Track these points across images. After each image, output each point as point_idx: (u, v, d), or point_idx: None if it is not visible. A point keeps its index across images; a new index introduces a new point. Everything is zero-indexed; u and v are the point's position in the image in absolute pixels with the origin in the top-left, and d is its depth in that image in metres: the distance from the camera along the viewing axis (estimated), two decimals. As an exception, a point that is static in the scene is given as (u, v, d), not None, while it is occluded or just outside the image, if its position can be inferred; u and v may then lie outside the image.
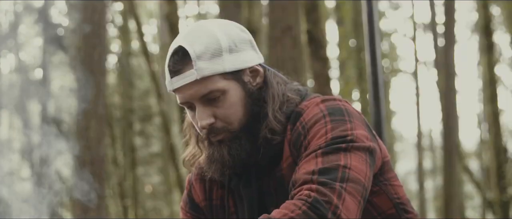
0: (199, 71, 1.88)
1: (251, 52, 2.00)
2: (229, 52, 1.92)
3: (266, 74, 2.02)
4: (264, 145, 1.97)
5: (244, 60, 1.96)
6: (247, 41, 1.99)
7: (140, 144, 21.63)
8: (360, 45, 17.73)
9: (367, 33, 3.67)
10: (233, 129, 1.96)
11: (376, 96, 3.63)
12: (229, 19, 2.10)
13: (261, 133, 1.96)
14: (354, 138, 1.84)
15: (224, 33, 1.94)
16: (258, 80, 2.00)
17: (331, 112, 1.91)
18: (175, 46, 1.93)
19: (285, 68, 8.04)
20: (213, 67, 1.89)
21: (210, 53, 1.90)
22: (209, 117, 1.94)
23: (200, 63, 1.89)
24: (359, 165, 1.81)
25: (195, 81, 1.90)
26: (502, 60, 19.16)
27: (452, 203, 15.44)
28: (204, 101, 1.93)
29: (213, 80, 1.91)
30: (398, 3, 25.04)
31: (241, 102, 1.95)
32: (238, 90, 1.95)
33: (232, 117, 1.95)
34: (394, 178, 2.06)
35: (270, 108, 1.96)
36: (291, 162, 1.95)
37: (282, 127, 1.96)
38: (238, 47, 1.95)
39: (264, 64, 2.05)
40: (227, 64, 1.91)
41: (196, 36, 1.93)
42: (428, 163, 27.78)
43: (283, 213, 1.72)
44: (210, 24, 1.97)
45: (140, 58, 20.73)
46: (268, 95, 1.98)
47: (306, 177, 1.78)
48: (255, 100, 1.98)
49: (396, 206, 2.03)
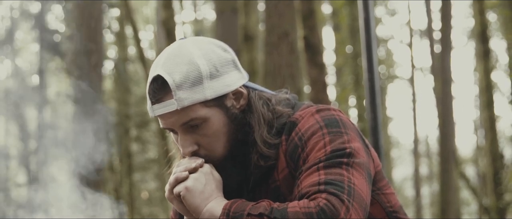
0: (179, 102, 1.84)
1: (234, 74, 1.94)
2: (210, 79, 1.87)
3: (251, 96, 1.97)
4: (255, 170, 1.94)
5: (227, 84, 1.90)
6: (229, 62, 1.94)
7: (137, 150, 21.60)
8: (357, 52, 17.73)
9: (363, 39, 3.67)
10: (217, 156, 1.92)
11: (373, 103, 3.64)
12: (226, 25, 2.09)
13: (252, 160, 1.93)
14: (353, 151, 1.84)
15: (204, 58, 1.88)
16: (242, 103, 1.95)
17: (328, 123, 1.89)
18: (154, 74, 1.88)
19: (281, 74, 8.08)
20: (194, 96, 1.85)
21: (190, 82, 1.84)
22: (191, 144, 1.91)
23: (180, 94, 1.84)
24: (360, 183, 1.80)
25: (175, 111, 1.86)
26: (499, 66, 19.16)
27: (448, 209, 15.45)
28: (186, 128, 1.90)
29: (194, 109, 1.86)
30: (395, 10, 25.10)
31: (224, 129, 1.91)
32: (220, 117, 1.90)
33: (215, 145, 1.91)
34: (386, 186, 2.06)
35: (258, 134, 1.92)
36: (287, 174, 1.93)
37: (274, 149, 1.93)
38: (219, 72, 1.89)
39: (249, 82, 2.00)
40: (208, 91, 1.86)
41: (175, 63, 1.87)
42: (424, 169, 27.80)
43: (293, 205, 1.72)
44: (191, 47, 1.90)
45: (137, 64, 20.74)
46: (253, 119, 1.94)
47: (312, 189, 1.76)
48: (240, 125, 1.94)
49: (389, 214, 2.04)
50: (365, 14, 3.65)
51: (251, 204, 1.77)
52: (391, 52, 26.27)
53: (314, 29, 9.96)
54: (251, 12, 12.88)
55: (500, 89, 18.77)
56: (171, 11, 13.68)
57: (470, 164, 26.18)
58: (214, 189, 1.86)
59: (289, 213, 1.70)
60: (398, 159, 30.08)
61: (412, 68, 24.41)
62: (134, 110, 20.83)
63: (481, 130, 22.09)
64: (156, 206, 21.84)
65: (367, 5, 3.66)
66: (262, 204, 1.76)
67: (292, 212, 1.70)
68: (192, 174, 1.86)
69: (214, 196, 1.85)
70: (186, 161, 1.90)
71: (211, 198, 1.84)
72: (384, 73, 24.82)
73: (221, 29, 11.03)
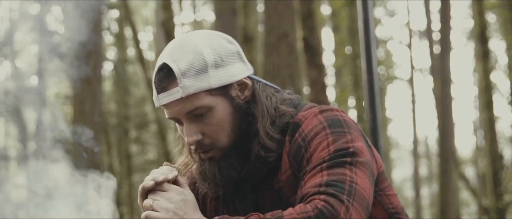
0: (185, 89, 1.86)
1: (239, 65, 1.96)
2: (215, 68, 1.89)
3: (255, 87, 1.99)
4: (257, 162, 1.94)
5: (231, 74, 1.92)
6: (234, 53, 1.96)
7: (136, 151, 21.61)
8: (356, 52, 17.74)
9: (363, 40, 3.66)
10: (222, 145, 1.93)
11: (372, 104, 3.63)
12: (225, 26, 2.09)
13: (253, 150, 1.93)
14: (356, 151, 1.84)
15: (209, 48, 1.90)
16: (246, 94, 1.96)
17: (331, 123, 1.89)
18: (160, 63, 1.90)
19: (281, 75, 8.07)
20: (199, 84, 1.86)
21: (195, 70, 1.86)
22: (196, 133, 1.91)
23: (185, 81, 1.86)
24: (363, 182, 1.80)
25: (180, 99, 1.87)
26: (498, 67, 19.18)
27: (448, 210, 15.45)
28: (191, 117, 1.91)
29: (199, 97, 1.88)
30: (394, 10, 25.12)
31: (229, 118, 1.92)
32: (225, 106, 1.92)
33: (219, 134, 1.92)
34: (388, 187, 2.06)
35: (261, 125, 1.93)
36: (290, 174, 1.93)
37: (276, 143, 1.93)
38: (224, 61, 1.91)
39: (253, 75, 2.01)
40: (213, 80, 1.88)
41: (181, 52, 1.89)
42: (424, 170, 27.82)
43: (290, 212, 1.72)
44: (196, 37, 1.93)
45: (136, 66, 20.74)
46: (257, 110, 1.95)
47: (313, 190, 1.76)
48: (244, 115, 1.95)
49: (391, 216, 2.04)
50: (364, 15, 3.65)
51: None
52: (390, 53, 26.29)
53: (313, 30, 9.96)
54: (251, 13, 12.89)
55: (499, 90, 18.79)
56: (171, 12, 13.69)
57: (469, 165, 26.19)
58: (189, 211, 1.84)
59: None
60: (397, 160, 30.11)
61: (411, 69, 24.43)
62: (134, 111, 20.84)
63: (480, 130, 22.09)
64: (156, 207, 21.82)
65: (366, 6, 3.66)
66: (254, 217, 1.74)
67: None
68: (163, 192, 1.84)
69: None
70: (158, 171, 1.90)
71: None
72: (383, 74, 24.84)
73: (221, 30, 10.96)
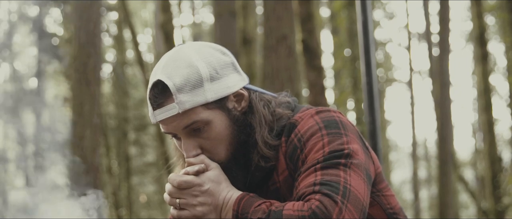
0: (181, 105, 1.84)
1: (234, 76, 1.94)
2: (210, 81, 1.87)
3: (251, 97, 1.97)
4: (257, 171, 1.94)
5: (227, 86, 1.90)
6: (229, 64, 1.94)
7: (135, 153, 21.60)
8: (355, 55, 17.76)
9: (362, 42, 3.67)
10: (221, 159, 1.92)
11: (371, 106, 3.63)
12: (224, 29, 2.09)
13: (253, 160, 1.93)
14: (351, 152, 1.83)
15: (204, 61, 1.88)
16: (243, 105, 1.95)
17: (327, 124, 1.89)
18: (154, 79, 1.88)
19: (280, 77, 8.07)
20: (195, 99, 1.84)
21: (190, 85, 1.84)
22: (195, 148, 1.90)
23: (181, 97, 1.84)
24: (357, 184, 1.79)
25: (177, 114, 1.86)
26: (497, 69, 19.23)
27: (447, 213, 15.44)
28: (189, 132, 1.89)
29: (196, 111, 1.86)
30: (393, 13, 25.13)
31: (226, 132, 1.91)
32: (223, 119, 1.90)
33: (218, 147, 1.91)
34: (386, 188, 2.06)
35: (259, 135, 1.92)
36: (287, 175, 1.93)
37: (275, 151, 1.93)
38: (219, 74, 1.89)
39: (249, 84, 2.00)
40: (209, 94, 1.86)
41: (175, 67, 1.87)
42: (423, 172, 27.81)
43: (289, 206, 1.73)
44: (189, 51, 1.91)
45: (135, 68, 20.73)
46: (255, 120, 1.94)
47: (308, 190, 1.76)
48: (242, 127, 1.93)
49: (389, 216, 2.04)
50: (363, 17, 3.65)
51: (253, 206, 1.78)
52: (389, 56, 26.30)
53: (312, 32, 9.96)
54: (250, 16, 12.90)
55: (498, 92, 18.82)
56: (169, 15, 13.69)
57: (468, 167, 26.18)
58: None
59: (284, 216, 1.71)
60: (396, 162, 30.08)
61: (410, 72, 24.42)
62: (133, 113, 20.83)
63: (479, 133, 22.11)
64: (155, 209, 21.84)
65: (365, 8, 3.66)
66: (262, 207, 1.76)
67: (286, 215, 1.71)
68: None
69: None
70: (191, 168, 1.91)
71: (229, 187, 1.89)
72: (382, 76, 24.85)
73: (220, 33, 11.02)
